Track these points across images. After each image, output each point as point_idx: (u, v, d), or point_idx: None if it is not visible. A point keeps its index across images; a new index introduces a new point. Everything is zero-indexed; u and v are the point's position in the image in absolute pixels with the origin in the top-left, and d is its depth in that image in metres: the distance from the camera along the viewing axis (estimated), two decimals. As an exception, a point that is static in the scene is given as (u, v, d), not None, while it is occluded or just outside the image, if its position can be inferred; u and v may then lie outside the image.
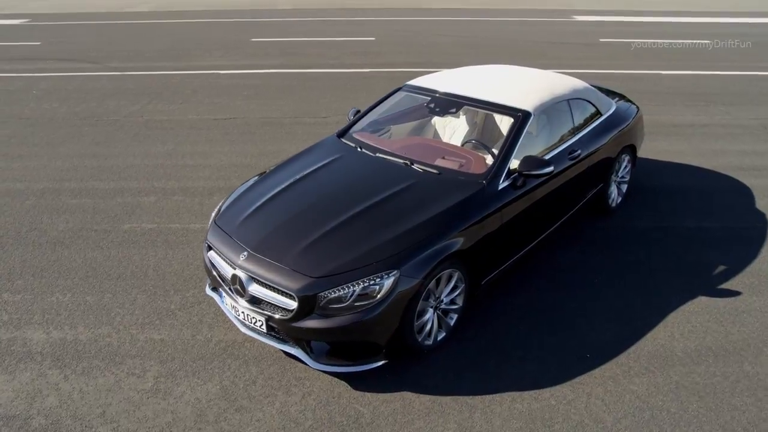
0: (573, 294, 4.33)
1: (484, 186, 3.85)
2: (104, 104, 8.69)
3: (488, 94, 4.53)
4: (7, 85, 9.66)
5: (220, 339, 3.84)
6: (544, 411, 3.30)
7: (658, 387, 3.48)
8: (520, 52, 12.40)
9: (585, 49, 12.73)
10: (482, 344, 3.81)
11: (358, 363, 3.39)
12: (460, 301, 3.79)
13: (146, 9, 18.59)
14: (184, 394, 3.40)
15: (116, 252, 4.83)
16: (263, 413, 3.27)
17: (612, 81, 10.02)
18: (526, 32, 14.69)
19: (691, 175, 6.37)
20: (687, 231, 5.22)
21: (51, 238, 5.03)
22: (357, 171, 4.16)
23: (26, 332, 3.91)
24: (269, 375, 3.54)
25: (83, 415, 3.25)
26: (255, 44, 13.16)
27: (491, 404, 3.34)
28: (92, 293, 4.31)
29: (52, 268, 4.61)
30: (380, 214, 3.63)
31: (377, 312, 3.24)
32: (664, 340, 3.88)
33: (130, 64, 11.18)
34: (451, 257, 3.52)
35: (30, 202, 5.65)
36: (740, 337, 3.90)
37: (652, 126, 7.83)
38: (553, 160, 4.32)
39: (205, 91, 9.45)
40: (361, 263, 3.30)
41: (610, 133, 5.06)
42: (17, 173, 6.30)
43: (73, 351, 3.73)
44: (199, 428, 3.17)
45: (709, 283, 4.49)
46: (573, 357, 3.70)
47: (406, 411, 3.29)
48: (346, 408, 3.31)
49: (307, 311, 3.26)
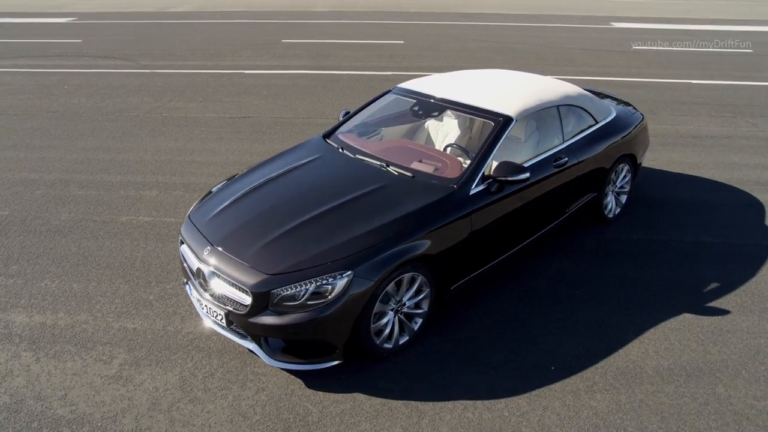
0: (550, 305, 4.23)
1: (455, 190, 3.82)
2: (128, 100, 9.00)
3: (473, 98, 4.48)
4: (43, 80, 10.11)
5: (189, 331, 3.92)
6: (494, 422, 3.24)
7: (620, 405, 3.37)
8: (548, 58, 12.20)
9: (616, 56, 12.42)
10: (446, 351, 3.77)
11: (311, 361, 3.41)
12: (426, 305, 3.76)
13: (188, 9, 19.14)
14: (144, 382, 3.49)
15: (109, 242, 5.00)
16: (215, 405, 3.32)
17: (636, 89, 9.76)
18: (559, 38, 14.44)
19: (701, 188, 6.13)
20: (684, 245, 5.03)
21: (52, 227, 5.24)
22: (332, 171, 4.19)
23: (10, 315, 4.08)
24: (229, 369, 3.60)
25: (46, 396, 3.38)
26: (285, 45, 13.38)
27: (442, 411, 3.30)
28: (79, 281, 4.47)
29: (47, 255, 4.81)
30: (344, 215, 3.64)
31: (330, 311, 3.26)
32: (637, 357, 3.75)
33: (161, 62, 11.53)
34: (414, 260, 3.50)
35: (40, 192, 5.91)
36: (719, 358, 3.74)
37: (671, 136, 7.59)
38: (534, 167, 4.27)
39: (227, 89, 9.66)
40: (316, 263, 3.32)
41: (605, 141, 4.93)
42: (33, 164, 6.59)
43: (49, 335, 3.88)
44: (150, 416, 3.25)
45: (697, 300, 4.32)
46: (537, 369, 3.62)
47: (355, 412, 3.29)
48: (296, 405, 3.33)
49: (261, 307, 3.30)
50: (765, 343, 3.88)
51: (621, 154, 5.13)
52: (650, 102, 9.07)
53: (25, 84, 9.85)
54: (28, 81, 10.04)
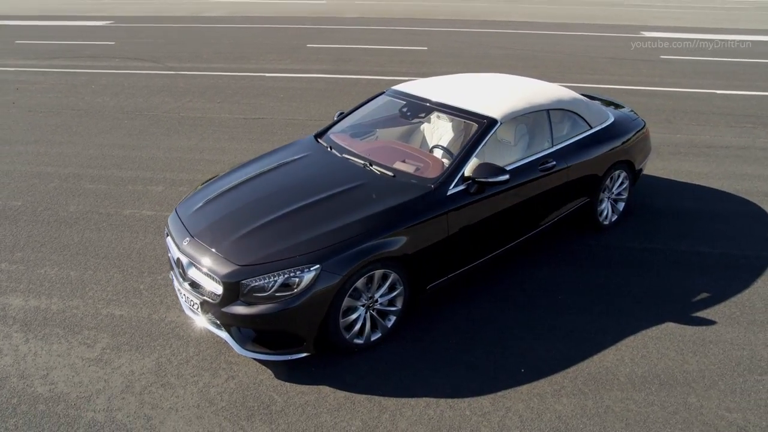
0: (529, 310, 4.22)
1: (431, 190, 3.85)
2: (150, 100, 9.30)
3: (461, 100, 4.51)
4: (73, 80, 10.53)
5: (172, 320, 4.05)
6: (454, 420, 3.25)
7: (585, 410, 3.34)
8: (571, 66, 12.08)
9: (640, 65, 12.22)
10: (418, 348, 3.80)
11: (280, 352, 3.49)
12: (400, 303, 3.81)
13: (220, 14, 19.63)
14: (122, 366, 3.63)
15: (110, 234, 5.19)
16: (184, 391, 3.43)
17: (656, 98, 9.61)
18: (585, 47, 14.28)
19: (707, 198, 6.00)
20: (679, 255, 4.93)
21: (59, 218, 5.47)
22: (317, 169, 4.27)
23: (8, 298, 4.29)
24: (204, 357, 3.71)
25: (29, 374, 3.55)
26: (309, 50, 13.60)
27: (403, 407, 3.33)
28: (76, 269, 4.66)
29: (50, 243, 5.03)
30: (319, 211, 3.71)
31: (297, 304, 3.33)
32: (611, 363, 3.71)
33: (187, 65, 11.87)
34: (385, 258, 3.55)
35: (53, 185, 6.17)
36: (697, 368, 3.67)
37: (683, 146, 7.45)
38: (518, 170, 4.27)
39: (246, 91, 9.89)
40: (285, 255, 3.40)
41: (598, 146, 4.89)
42: (51, 158, 6.88)
43: (41, 318, 4.07)
44: (122, 397, 3.37)
45: (683, 310, 4.24)
46: (505, 371, 3.62)
47: (318, 404, 3.35)
48: (262, 395, 3.41)
49: (232, 298, 3.40)
50: (748, 355, 3.79)
51: (617, 161, 5.07)
52: (668, 111, 8.90)
53: (55, 83, 10.28)
54: (59, 80, 10.47)
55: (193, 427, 3.19)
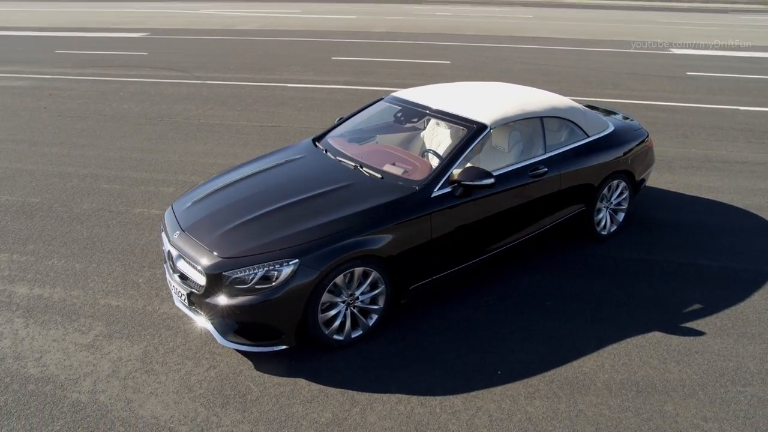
0: (515, 315, 4.22)
1: (416, 191, 3.92)
2: (173, 107, 9.63)
3: (455, 107, 4.58)
4: (103, 87, 10.98)
5: (164, 312, 4.20)
6: (423, 416, 3.29)
7: (557, 413, 3.33)
8: (593, 81, 12.02)
9: (666, 81, 12.07)
10: (398, 347, 3.85)
11: (259, 344, 3.58)
12: (381, 302, 3.87)
13: (252, 27, 20.15)
14: (111, 352, 3.78)
15: (118, 230, 5.41)
16: (167, 377, 3.56)
17: (675, 113, 9.50)
18: (611, 63, 14.19)
19: (714, 212, 5.90)
20: (676, 266, 4.87)
21: (73, 214, 5.72)
22: (309, 170, 4.39)
23: (16, 287, 4.51)
24: (189, 347, 3.83)
25: (24, 356, 3.73)
26: (333, 62, 13.86)
27: (375, 402, 3.38)
28: (82, 262, 4.87)
29: (61, 238, 5.26)
30: (304, 208, 3.82)
31: (275, 296, 3.43)
32: (590, 369, 3.69)
33: (214, 74, 12.24)
34: (365, 255, 3.63)
35: (71, 184, 6.45)
36: (678, 377, 3.62)
37: (697, 160, 7.35)
38: (508, 175, 4.31)
39: (266, 101, 10.14)
40: (266, 249, 3.51)
41: (595, 155, 4.89)
42: (73, 159, 7.19)
43: (43, 306, 4.26)
44: (107, 381, 3.52)
45: (672, 320, 4.18)
46: (482, 373, 3.63)
47: (292, 395, 3.43)
48: (240, 384, 3.51)
49: (214, 289, 3.52)
50: (733, 366, 3.72)
51: (615, 170, 5.06)
52: (686, 127, 8.78)
53: (86, 90, 10.73)
54: (89, 88, 10.93)
55: (170, 411, 3.30)
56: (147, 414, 3.28)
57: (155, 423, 3.22)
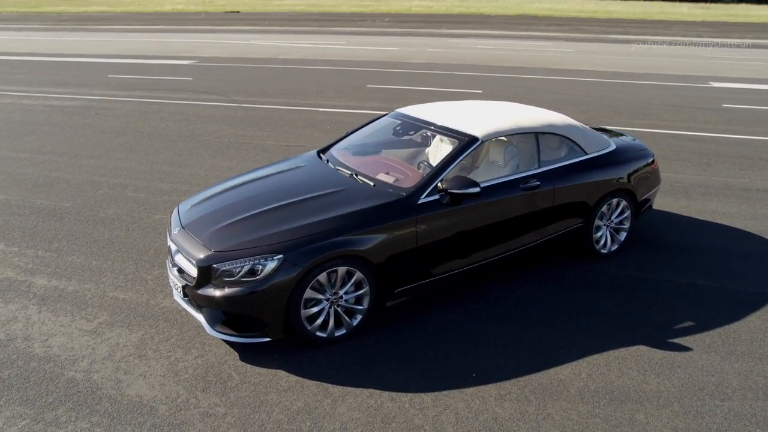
0: (500, 323, 4.28)
1: (403, 197, 4.08)
2: (206, 127, 10.14)
3: (451, 121, 4.75)
4: (146, 108, 11.64)
5: (166, 306, 4.45)
6: (391, 410, 3.38)
7: (525, 415, 3.37)
8: (622, 111, 11.98)
9: (698, 112, 11.91)
10: (380, 347, 3.97)
11: (244, 335, 3.77)
12: (366, 303, 4.01)
13: (296, 57, 20.93)
14: (110, 338, 4.04)
15: (136, 234, 5.75)
16: (157, 363, 3.78)
17: (701, 142, 9.42)
18: (645, 94, 14.08)
19: (725, 236, 5.81)
20: (674, 286, 4.83)
21: (98, 218, 6.12)
22: (307, 177, 4.62)
23: (35, 278, 4.86)
24: (183, 337, 4.06)
25: (32, 338, 4.02)
26: (367, 89, 14.26)
27: (347, 395, 3.50)
28: (99, 259, 5.20)
29: (84, 238, 5.63)
30: (295, 210, 4.03)
31: (259, 289, 3.63)
32: (566, 376, 3.71)
33: (251, 99, 12.80)
34: (348, 255, 3.79)
35: (101, 192, 6.89)
36: (655, 389, 3.60)
37: (716, 187, 7.25)
38: (497, 187, 4.43)
39: (296, 123, 10.55)
40: (253, 245, 3.73)
41: (593, 172, 4.95)
42: (106, 170, 7.68)
43: (56, 296, 4.59)
44: (102, 362, 3.76)
45: (660, 335, 4.16)
46: (457, 375, 3.71)
47: (270, 384, 3.58)
48: (223, 372, 3.69)
49: (205, 281, 3.74)
50: (715, 381, 3.67)
51: (615, 189, 5.09)
52: (711, 155, 8.66)
53: (130, 110, 11.41)
54: (133, 108, 11.61)
55: (154, 391, 3.51)
56: (133, 393, 3.49)
57: (138, 401, 3.43)
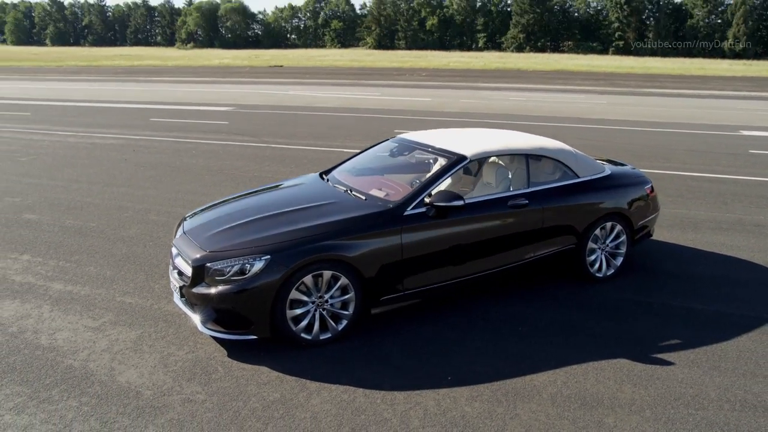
0: (484, 335, 4.36)
1: (390, 208, 4.30)
2: (234, 163, 10.65)
3: (444, 142, 5.00)
4: (180, 146, 12.32)
5: (168, 310, 4.71)
6: (363, 404, 3.50)
7: (493, 414, 3.43)
8: (644, 155, 12.01)
9: (722, 157, 11.84)
10: (364, 351, 4.11)
11: (232, 332, 3.97)
12: (351, 308, 4.17)
13: (330, 105, 21.76)
14: (111, 335, 4.30)
15: (152, 250, 6.10)
16: (150, 356, 4.00)
17: (721, 184, 9.36)
18: (670, 141, 14.08)
19: (727, 266, 5.78)
20: (667, 308, 4.83)
21: (119, 237, 6.51)
22: (304, 192, 4.90)
23: (53, 284, 5.22)
24: (178, 335, 4.29)
25: (41, 332, 4.32)
26: (394, 133, 14.67)
27: (323, 390, 3.64)
28: (113, 269, 5.54)
29: (103, 252, 6.01)
30: (286, 217, 4.30)
31: (247, 287, 3.85)
32: (541, 382, 3.75)
33: (280, 140, 13.38)
34: (332, 259, 4.00)
35: (127, 215, 7.34)
36: (629, 397, 3.61)
37: (728, 222, 7.23)
38: (484, 203, 4.60)
39: (318, 161, 10.97)
40: (244, 246, 3.98)
41: (585, 194, 5.07)
42: (134, 198, 8.17)
43: (69, 298, 4.91)
44: (100, 354, 4.01)
45: (645, 350, 4.16)
46: (433, 378, 3.79)
47: (252, 377, 3.75)
48: (209, 366, 3.89)
49: (198, 279, 4.00)
50: (692, 393, 3.65)
51: (608, 212, 5.17)
52: (728, 195, 8.60)
53: (165, 148, 12.10)
54: (168, 146, 12.31)
55: (143, 380, 3.72)
56: (123, 380, 3.71)
57: (127, 387, 3.64)
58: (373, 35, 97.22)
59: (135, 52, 78.57)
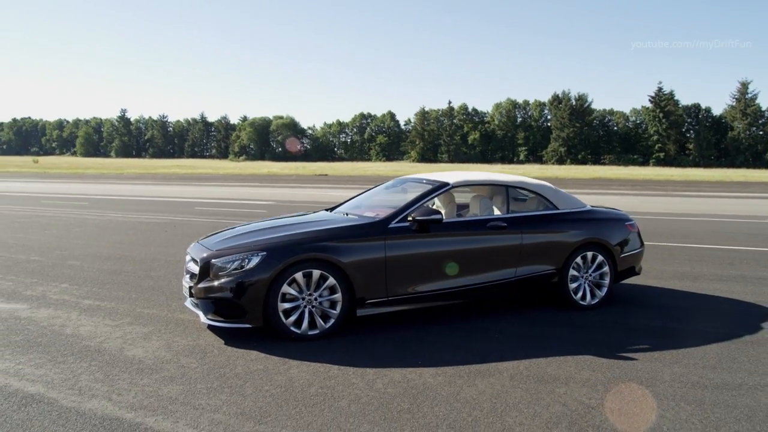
0: (462, 338, 4.70)
1: (376, 222, 4.86)
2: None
3: (433, 175, 5.63)
4: (217, 223, 13.29)
5: (180, 317, 5.24)
6: (335, 375, 3.88)
7: (452, 384, 3.74)
8: (660, 232, 12.23)
9: (740, 236, 11.94)
10: (347, 342, 4.51)
11: (229, 321, 4.46)
12: (338, 308, 4.62)
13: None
14: (126, 330, 4.84)
15: (176, 283, 6.73)
16: (156, 343, 4.50)
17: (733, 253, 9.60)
18: (691, 226, 14.23)
19: (719, 301, 5.97)
20: (645, 328, 5.05)
21: (148, 275, 7.21)
22: (309, 217, 5.54)
23: (86, 300, 5.87)
24: (185, 330, 4.80)
25: (67, 326, 4.92)
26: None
27: (303, 365, 4.05)
28: (138, 294, 6.17)
29: (132, 284, 6.68)
30: (285, 228, 4.93)
31: (244, 280, 4.40)
32: (505, 367, 4.05)
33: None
34: (321, 259, 4.52)
35: (158, 263, 8.09)
36: (586, 377, 3.86)
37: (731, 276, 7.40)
38: (464, 223, 5.16)
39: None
40: (246, 246, 4.60)
41: (563, 223, 5.51)
42: (167, 253, 8.96)
43: (96, 309, 5.52)
44: (114, 339, 4.56)
45: (613, 352, 4.39)
46: (406, 363, 4.13)
47: (241, 356, 4.20)
48: (207, 349, 4.35)
49: (204, 275, 4.57)
50: (648, 377, 3.85)
51: (587, 242, 5.54)
52: (738, 261, 8.73)
53: (203, 224, 13.11)
54: (207, 223, 13.33)
55: (147, 354, 4.22)
56: (130, 355, 4.21)
57: (132, 358, 4.13)
58: (417, 149, 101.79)
59: (190, 163, 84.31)
